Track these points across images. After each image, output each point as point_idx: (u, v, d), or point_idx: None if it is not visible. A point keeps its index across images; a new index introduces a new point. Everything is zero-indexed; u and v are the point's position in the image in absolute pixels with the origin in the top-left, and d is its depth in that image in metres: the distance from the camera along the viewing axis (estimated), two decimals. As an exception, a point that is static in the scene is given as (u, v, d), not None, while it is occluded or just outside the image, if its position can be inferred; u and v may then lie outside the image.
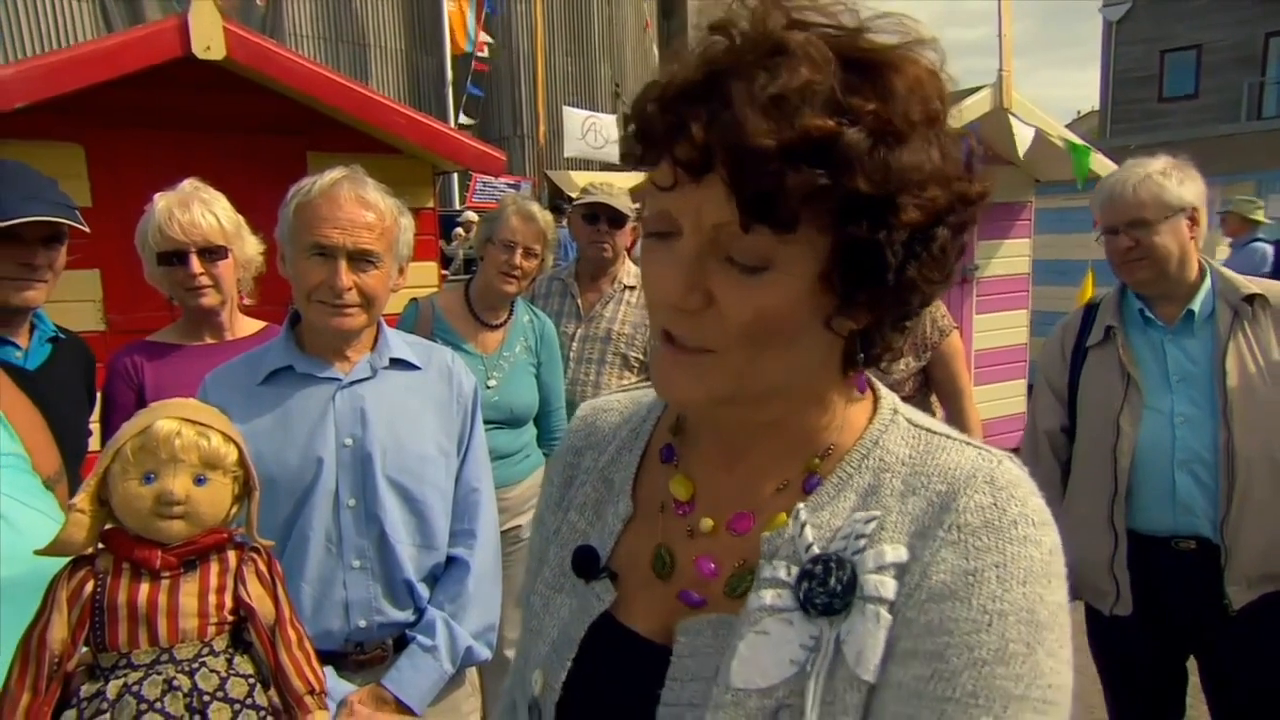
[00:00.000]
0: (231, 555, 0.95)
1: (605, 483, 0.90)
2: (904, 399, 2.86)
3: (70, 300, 3.37)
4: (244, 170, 3.63)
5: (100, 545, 0.93)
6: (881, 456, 0.76)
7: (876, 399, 0.82)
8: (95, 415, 2.25)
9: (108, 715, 0.84)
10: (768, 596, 0.71)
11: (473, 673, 1.96)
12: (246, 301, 2.33)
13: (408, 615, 1.78)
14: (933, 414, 3.05)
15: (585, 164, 14.21)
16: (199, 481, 0.93)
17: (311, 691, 0.94)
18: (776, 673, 0.69)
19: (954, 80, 0.69)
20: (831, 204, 0.63)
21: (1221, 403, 2.11)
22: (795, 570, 0.71)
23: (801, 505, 0.74)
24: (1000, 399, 6.69)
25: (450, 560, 1.84)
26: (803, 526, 0.73)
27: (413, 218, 1.87)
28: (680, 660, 0.75)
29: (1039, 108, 6.34)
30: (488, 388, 2.83)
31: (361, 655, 1.74)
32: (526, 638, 0.91)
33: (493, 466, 2.00)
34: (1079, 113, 30.50)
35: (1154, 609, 2.22)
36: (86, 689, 0.86)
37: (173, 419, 0.93)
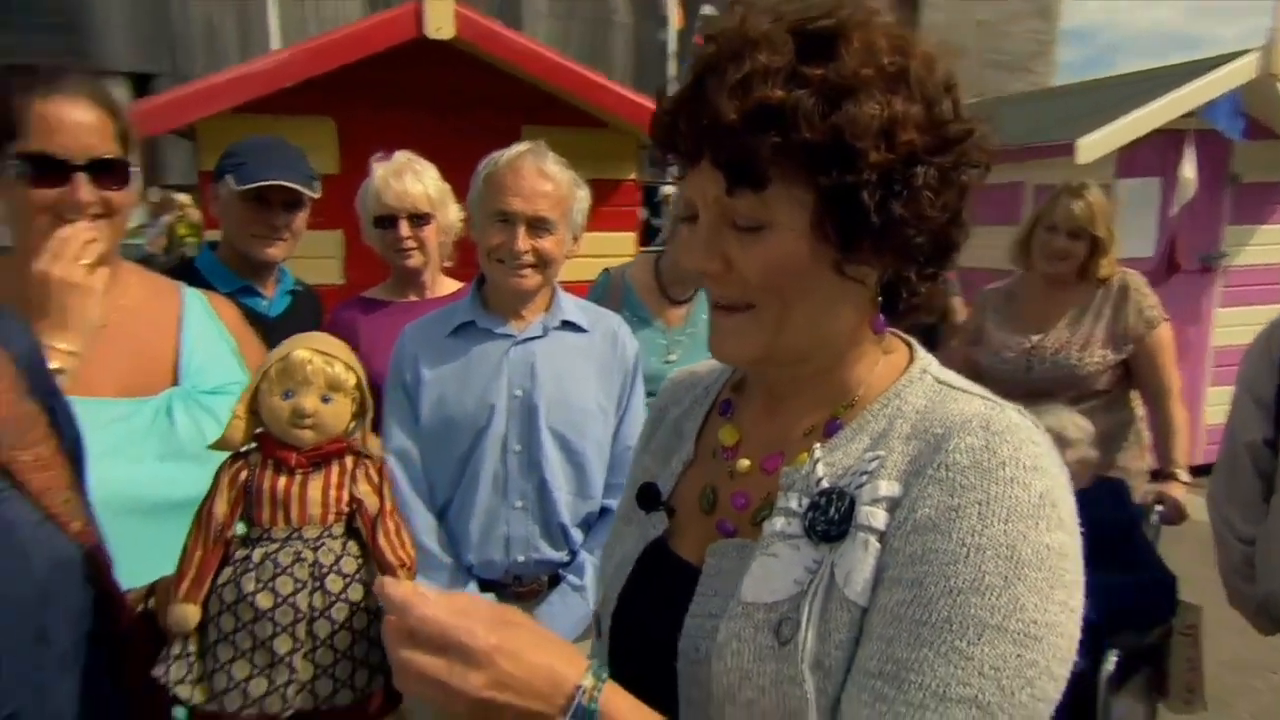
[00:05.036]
0: (349, 460, 1.16)
1: (677, 433, 1.03)
2: (1098, 394, 2.65)
3: (315, 257, 3.84)
4: (464, 141, 3.91)
5: (254, 444, 1.16)
6: (899, 406, 0.83)
7: (913, 359, 0.88)
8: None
9: (253, 574, 1.07)
10: (779, 523, 0.80)
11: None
12: (447, 264, 2.57)
13: (562, 555, 1.94)
14: (1131, 412, 2.83)
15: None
16: (325, 400, 1.14)
17: (402, 565, 1.14)
18: (783, 590, 0.77)
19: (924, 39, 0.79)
20: (798, 159, 0.74)
21: None
22: (805, 501, 0.79)
23: (819, 445, 0.83)
24: (1246, 403, 5.97)
25: (604, 510, 1.98)
26: (816, 463, 0.81)
27: (611, 188, 1.99)
28: (708, 578, 0.86)
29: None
30: (667, 361, 2.91)
31: (520, 587, 1.92)
32: (603, 561, 1.05)
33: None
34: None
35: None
36: (240, 553, 1.10)
37: (307, 349, 1.15)
